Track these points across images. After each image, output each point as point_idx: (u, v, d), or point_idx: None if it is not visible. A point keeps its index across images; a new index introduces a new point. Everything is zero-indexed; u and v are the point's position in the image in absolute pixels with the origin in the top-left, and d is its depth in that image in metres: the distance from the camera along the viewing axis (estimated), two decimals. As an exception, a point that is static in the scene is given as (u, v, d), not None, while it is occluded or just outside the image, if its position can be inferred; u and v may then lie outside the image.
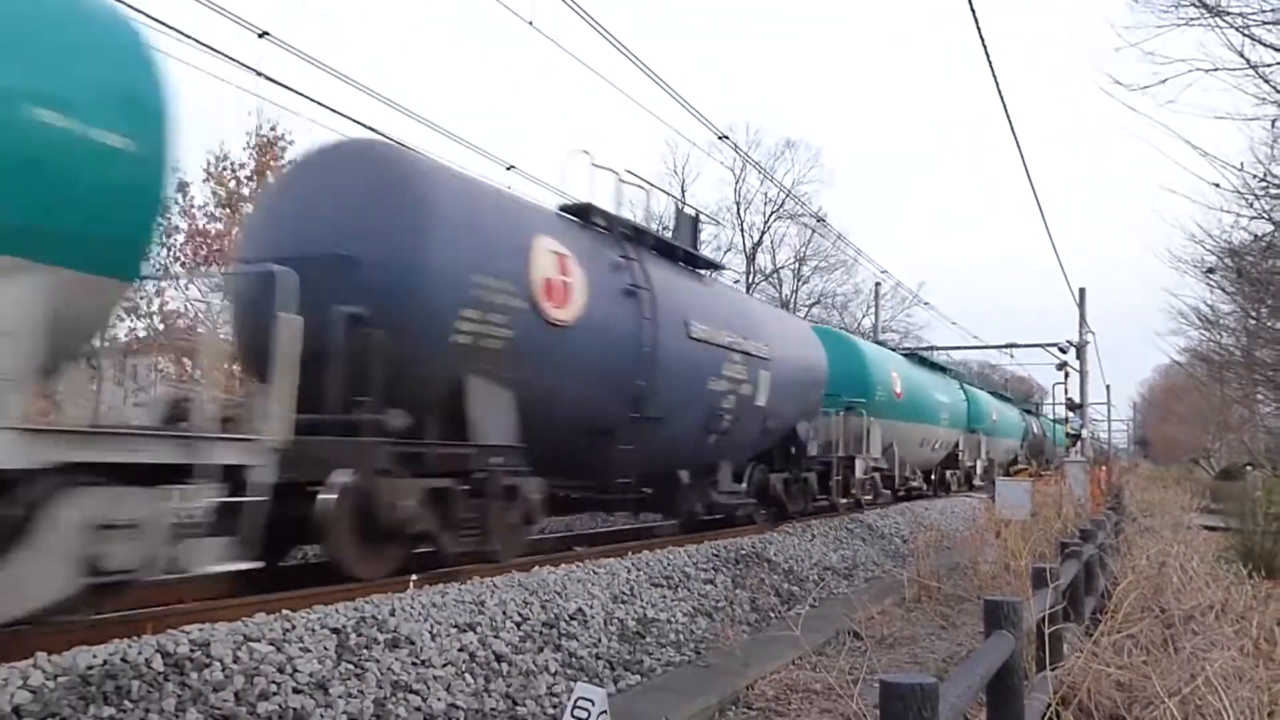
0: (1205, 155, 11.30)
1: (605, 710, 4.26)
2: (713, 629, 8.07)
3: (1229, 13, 9.89)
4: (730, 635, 7.85)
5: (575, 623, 6.83)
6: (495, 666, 5.75)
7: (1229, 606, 7.59)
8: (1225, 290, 19.48)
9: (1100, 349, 40.66)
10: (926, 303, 42.87)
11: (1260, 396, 24.85)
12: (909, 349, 27.38)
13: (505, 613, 6.38)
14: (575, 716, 4.22)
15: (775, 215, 47.27)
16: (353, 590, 6.54)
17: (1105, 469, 24.25)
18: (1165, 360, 44.37)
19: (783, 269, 49.04)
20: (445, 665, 5.46)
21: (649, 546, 9.94)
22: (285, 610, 5.43)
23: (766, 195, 46.67)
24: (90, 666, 4.13)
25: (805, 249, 48.25)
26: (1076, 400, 29.58)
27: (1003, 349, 35.05)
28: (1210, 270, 17.94)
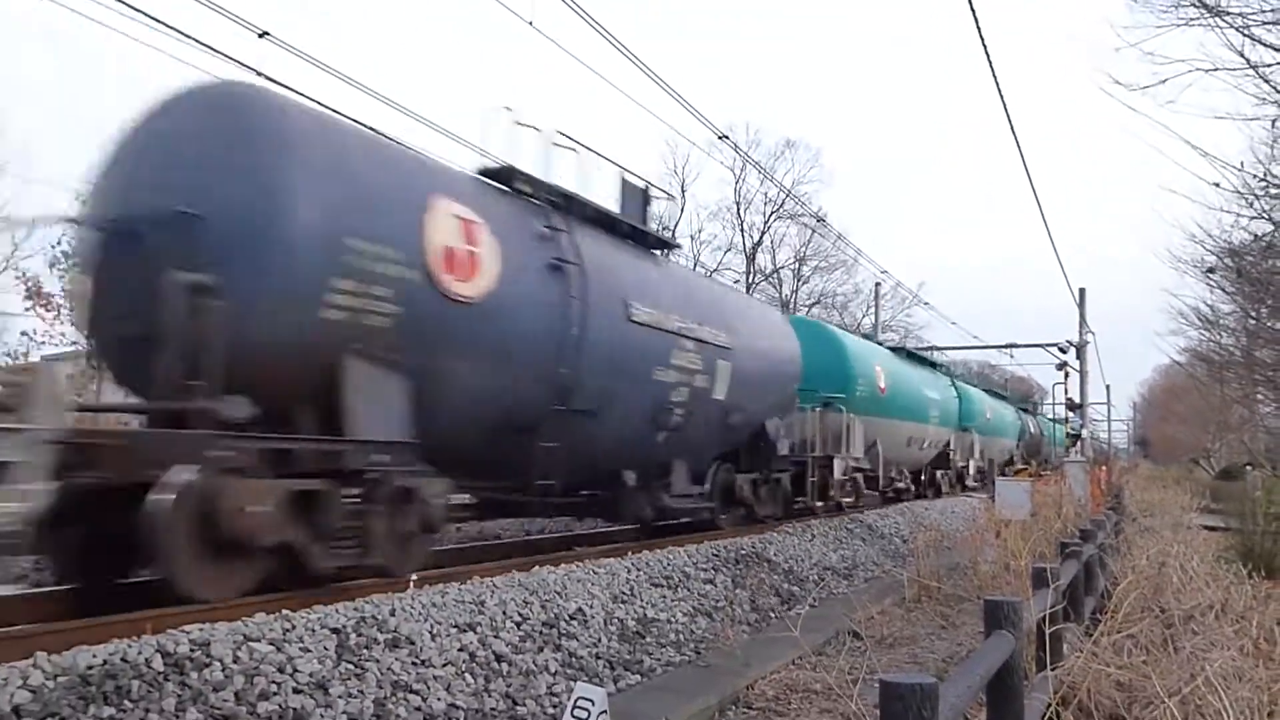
0: (1205, 155, 11.34)
1: (605, 710, 4.26)
2: (713, 629, 8.07)
3: (1229, 13, 9.91)
4: (730, 635, 7.85)
5: (575, 622, 6.83)
6: (495, 666, 5.75)
7: (1229, 606, 7.59)
8: (1225, 290, 19.52)
9: (1100, 349, 40.69)
10: (926, 303, 42.92)
11: (1260, 396, 24.87)
12: (896, 345, 26.08)
13: (505, 612, 6.38)
14: (575, 716, 4.22)
15: (775, 215, 47.38)
16: (353, 590, 6.54)
17: (1105, 469, 24.24)
18: (1165, 360, 44.44)
19: (783, 269, 49.14)
20: (445, 665, 5.47)
21: (649, 547, 9.94)
22: (285, 610, 5.43)
23: (766, 195, 46.78)
24: (90, 666, 4.13)
25: (805, 249, 48.38)
26: (1076, 400, 29.58)
27: (1003, 349, 35.09)
28: (1210, 270, 17.97)
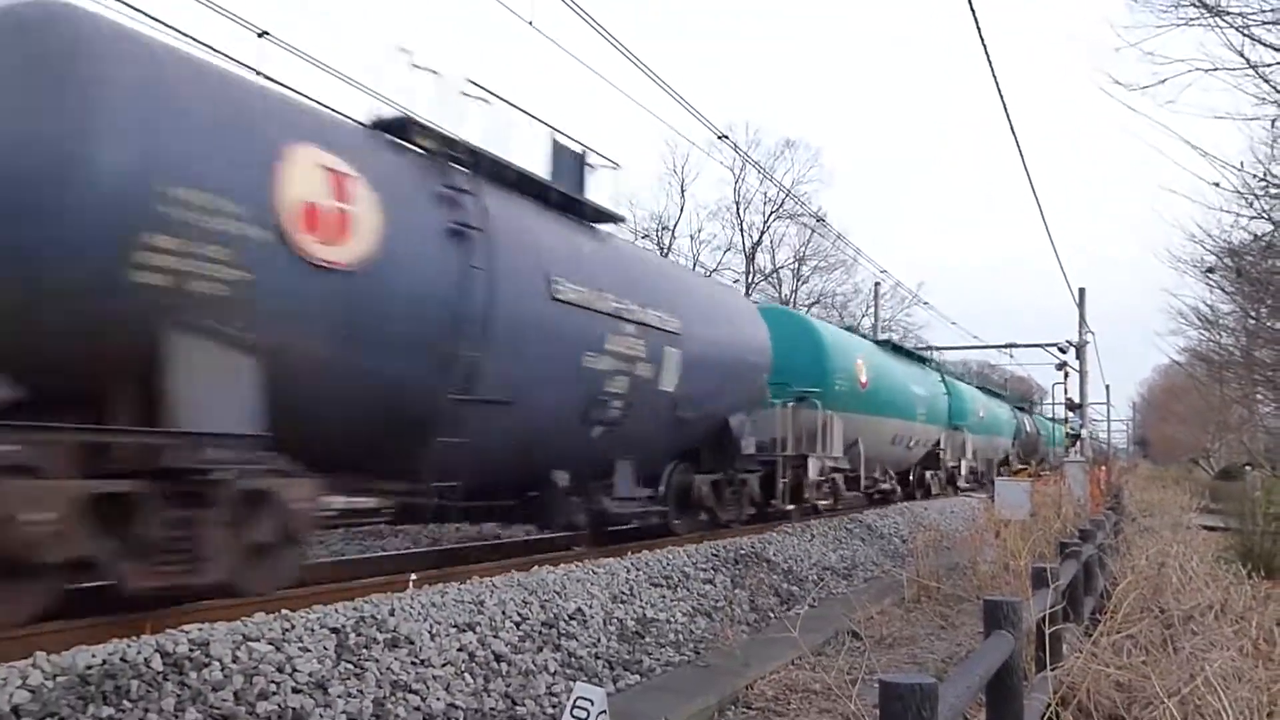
0: (1205, 155, 11.36)
1: (604, 710, 4.25)
2: (712, 629, 8.07)
3: (1229, 13, 9.91)
4: (729, 635, 7.85)
5: (574, 622, 6.83)
6: (494, 666, 5.75)
7: (1228, 607, 7.60)
8: (1225, 290, 19.55)
9: (1100, 349, 40.72)
10: (926, 303, 43.01)
11: (1260, 396, 24.89)
12: (882, 339, 24.75)
13: (504, 612, 6.38)
14: (574, 716, 4.22)
15: (775, 215, 47.38)
16: (352, 590, 6.54)
17: (1105, 469, 24.25)
18: (1165, 360, 44.52)
19: (782, 269, 49.15)
20: (445, 665, 5.46)
21: (648, 546, 9.94)
22: (284, 610, 5.43)
23: (766, 195, 46.77)
24: (89, 666, 4.13)
25: (805, 249, 48.38)
26: (1076, 400, 29.60)
27: (1002, 349, 35.13)
28: (1210, 270, 17.99)
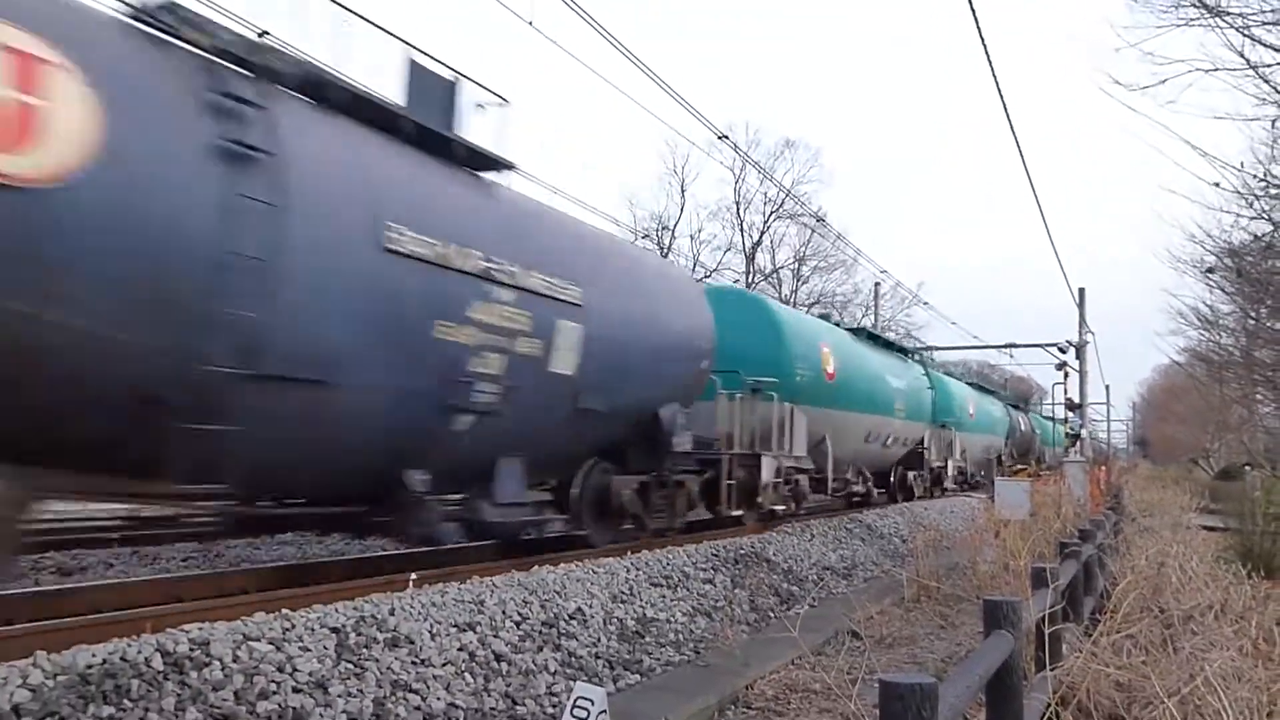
0: (1205, 155, 11.37)
1: (604, 710, 4.26)
2: (712, 629, 8.07)
3: (1229, 13, 9.91)
4: (729, 635, 7.85)
5: (575, 622, 6.83)
6: (495, 666, 5.75)
7: (1228, 607, 7.60)
8: (1225, 290, 19.55)
9: (1100, 349, 40.75)
10: (926, 302, 43.06)
11: (1259, 396, 24.89)
12: (855, 326, 22.46)
13: (505, 612, 6.38)
14: (575, 716, 4.22)
15: (775, 215, 47.38)
16: (352, 589, 6.54)
17: (1104, 469, 24.26)
18: (1165, 360, 44.55)
19: (782, 269, 49.12)
20: (445, 664, 5.47)
21: (648, 546, 9.94)
22: (285, 609, 5.43)
23: (766, 195, 46.77)
24: (90, 665, 4.13)
25: (805, 249, 48.36)
26: (1076, 400, 29.61)
27: (1002, 349, 35.09)
28: (1210, 270, 18.00)
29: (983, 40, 11.41)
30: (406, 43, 7.91)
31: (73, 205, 5.23)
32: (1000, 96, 20.13)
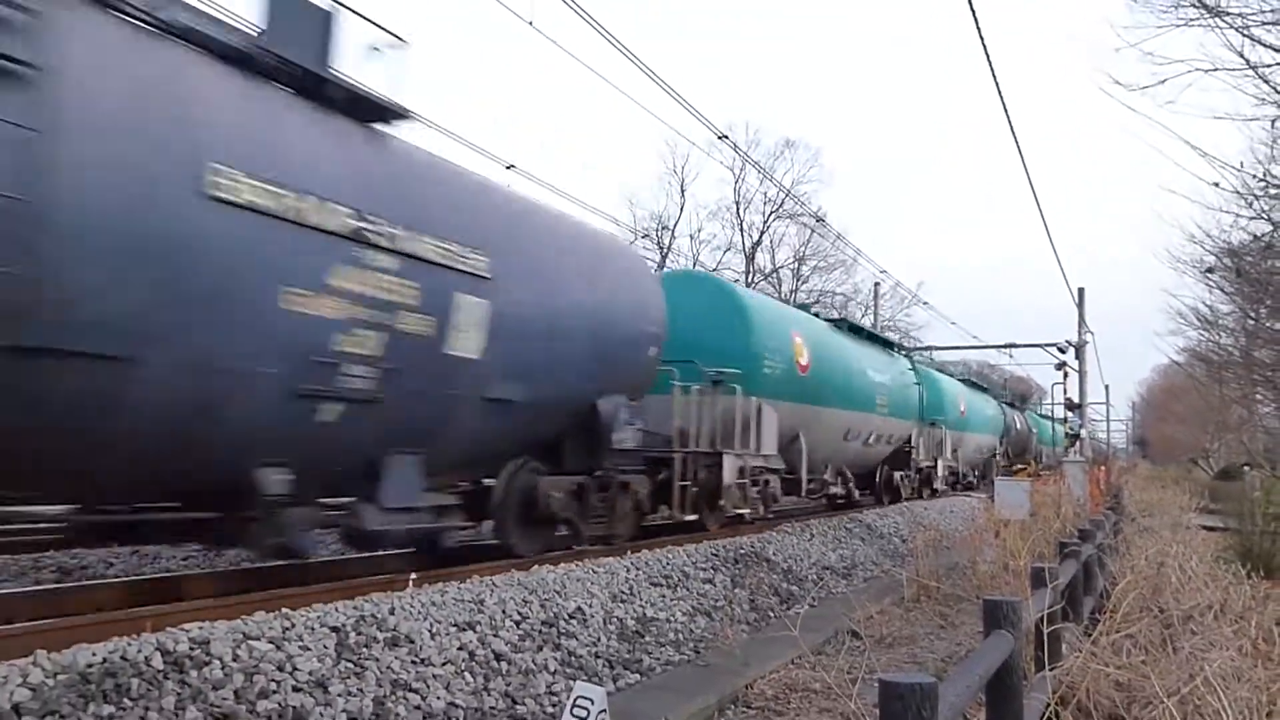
0: (1205, 155, 11.37)
1: (604, 709, 4.26)
2: (712, 628, 8.07)
3: (1229, 13, 9.91)
4: (729, 634, 7.85)
5: (574, 621, 6.84)
6: (495, 665, 5.75)
7: (1228, 606, 7.60)
8: (1224, 290, 19.56)
9: (1099, 349, 40.85)
10: (926, 302, 43.08)
11: (1259, 396, 24.91)
12: (837, 318, 21.01)
13: (505, 611, 6.38)
14: (574, 715, 4.22)
15: (775, 215, 47.43)
16: (352, 589, 6.55)
17: (1104, 469, 24.27)
18: (1164, 360, 44.60)
19: (782, 269, 49.15)
20: (445, 664, 5.47)
21: (648, 546, 9.94)
22: (285, 609, 5.44)
23: (766, 195, 46.81)
24: (90, 664, 4.13)
25: (804, 249, 48.42)
26: (1075, 400, 29.63)
27: (1002, 349, 35.13)
28: (1209, 270, 18.01)
29: (983, 40, 11.42)
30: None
31: None
32: (1000, 96, 20.15)
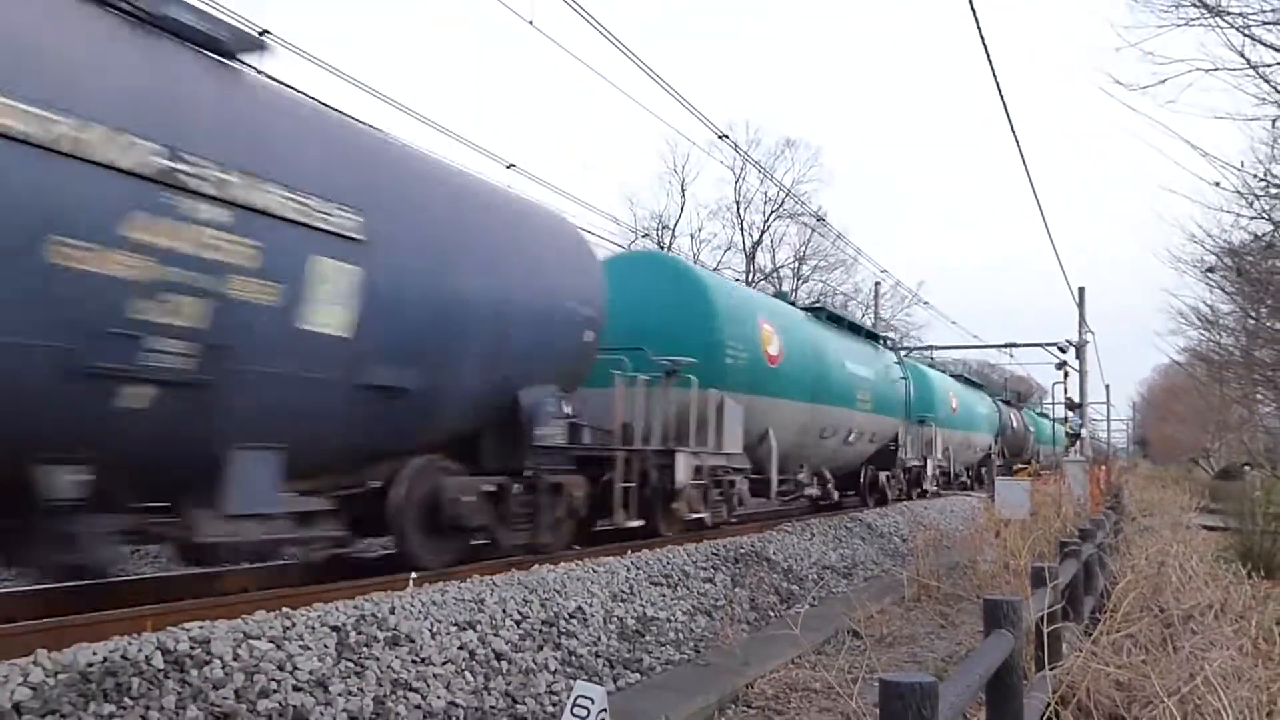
0: (1205, 155, 11.39)
1: (605, 708, 4.26)
2: (712, 627, 8.07)
3: (1229, 13, 9.92)
4: (730, 634, 7.85)
5: (575, 621, 6.84)
6: (495, 664, 5.75)
7: (1228, 606, 7.59)
8: (1225, 290, 19.57)
9: (1100, 349, 40.82)
10: (926, 302, 43.15)
11: (1259, 396, 24.91)
12: (814, 304, 19.56)
13: (505, 611, 6.38)
14: (575, 715, 4.22)
15: (775, 214, 47.42)
16: (353, 589, 6.55)
17: (1104, 469, 24.27)
18: (1165, 360, 44.63)
19: (782, 268, 49.14)
20: (445, 663, 5.47)
21: (648, 545, 9.94)
22: (285, 608, 5.44)
23: (766, 194, 46.81)
24: (90, 664, 4.13)
25: (805, 248, 48.42)
26: (1076, 400, 29.64)
27: (1002, 349, 35.11)
28: (1210, 270, 18.02)
29: (983, 40, 11.42)
30: None
31: None
32: (1000, 96, 20.14)
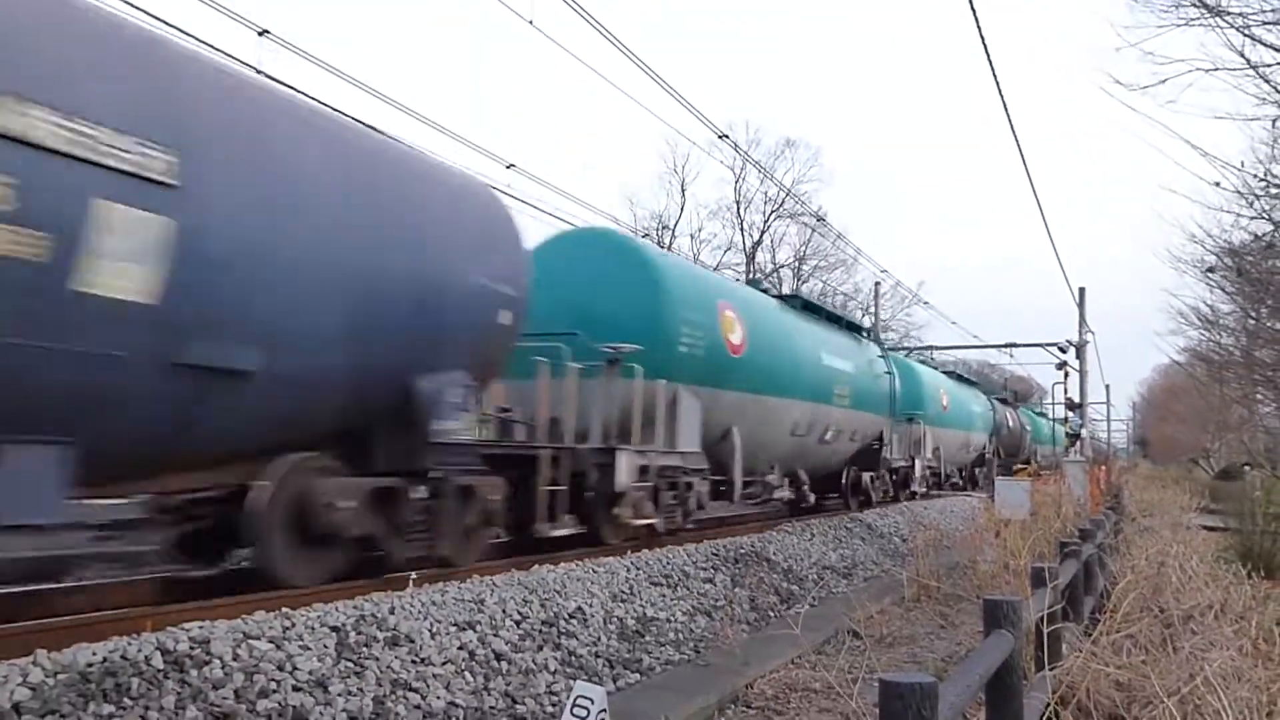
0: (1205, 155, 11.41)
1: (604, 709, 4.26)
2: (712, 628, 8.07)
3: (1229, 13, 9.93)
4: (729, 634, 7.85)
5: (575, 621, 6.83)
6: (495, 665, 5.75)
7: (1228, 606, 7.59)
8: (1225, 290, 19.58)
9: (1100, 349, 40.84)
10: (926, 302, 43.19)
11: (1260, 396, 24.91)
12: (789, 294, 18.12)
13: (505, 611, 6.38)
14: (574, 715, 4.22)
15: (775, 214, 47.50)
16: (353, 589, 6.55)
17: (1104, 469, 24.27)
18: (1165, 360, 44.64)
19: (782, 268, 49.19)
20: (445, 663, 5.47)
21: (648, 545, 9.93)
22: (285, 608, 5.44)
23: (766, 194, 46.90)
24: (90, 664, 4.13)
25: (805, 248, 48.52)
26: (1076, 400, 29.65)
27: (1002, 349, 35.17)
28: (1210, 270, 18.03)
29: (983, 40, 11.42)
30: None
31: None
32: (1000, 96, 20.15)
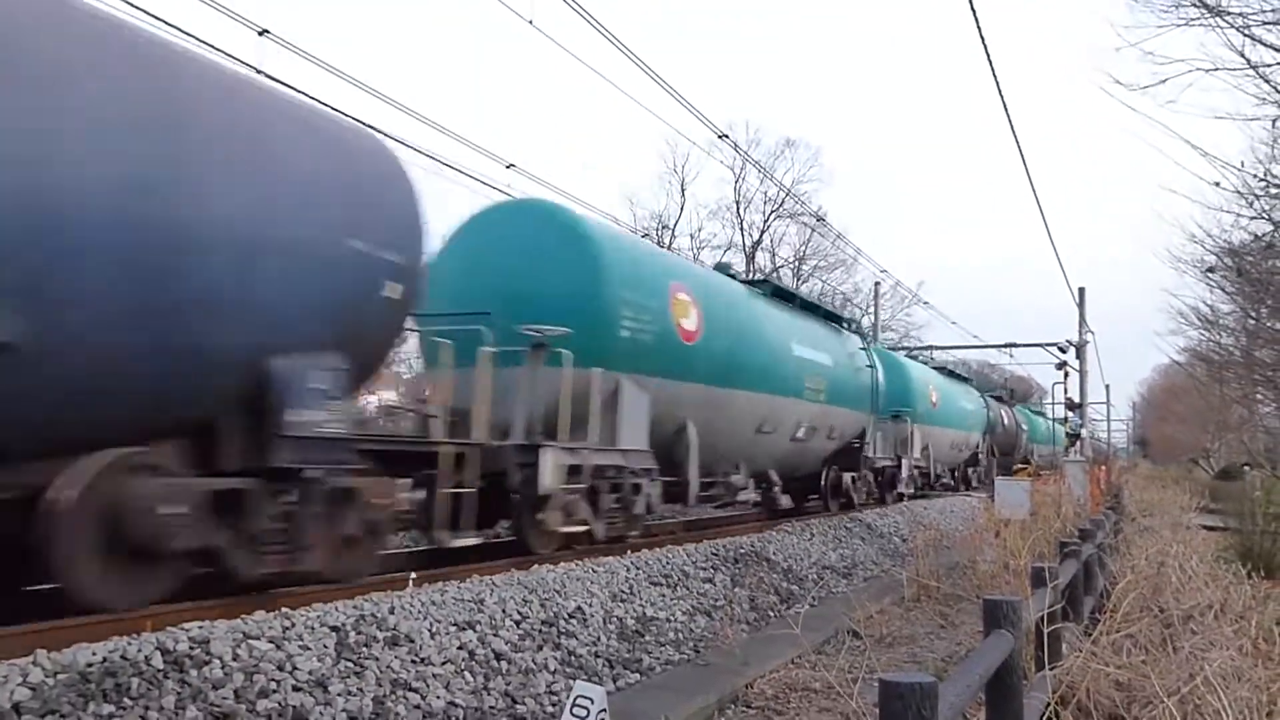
0: (1205, 155, 11.39)
1: (604, 709, 4.26)
2: (712, 628, 8.07)
3: (1229, 13, 9.92)
4: (729, 634, 7.85)
5: (574, 621, 6.83)
6: (494, 665, 5.75)
7: (1228, 606, 7.59)
8: (1225, 290, 19.58)
9: (1100, 349, 40.86)
10: (926, 302, 43.13)
11: (1260, 396, 24.91)
12: (759, 278, 16.47)
13: (504, 611, 6.38)
14: (574, 715, 4.22)
15: (775, 214, 47.46)
16: (353, 589, 6.55)
17: (1104, 469, 24.27)
18: (1165, 360, 44.63)
19: (782, 268, 49.14)
20: (445, 663, 5.47)
21: (648, 545, 9.93)
22: (285, 608, 5.44)
23: (766, 194, 46.85)
24: (90, 664, 4.13)
25: (805, 248, 48.47)
26: (1076, 400, 29.66)
27: (1002, 349, 35.17)
28: (1210, 270, 18.02)
29: (983, 40, 11.43)
30: None
31: None
32: (1000, 96, 20.16)
